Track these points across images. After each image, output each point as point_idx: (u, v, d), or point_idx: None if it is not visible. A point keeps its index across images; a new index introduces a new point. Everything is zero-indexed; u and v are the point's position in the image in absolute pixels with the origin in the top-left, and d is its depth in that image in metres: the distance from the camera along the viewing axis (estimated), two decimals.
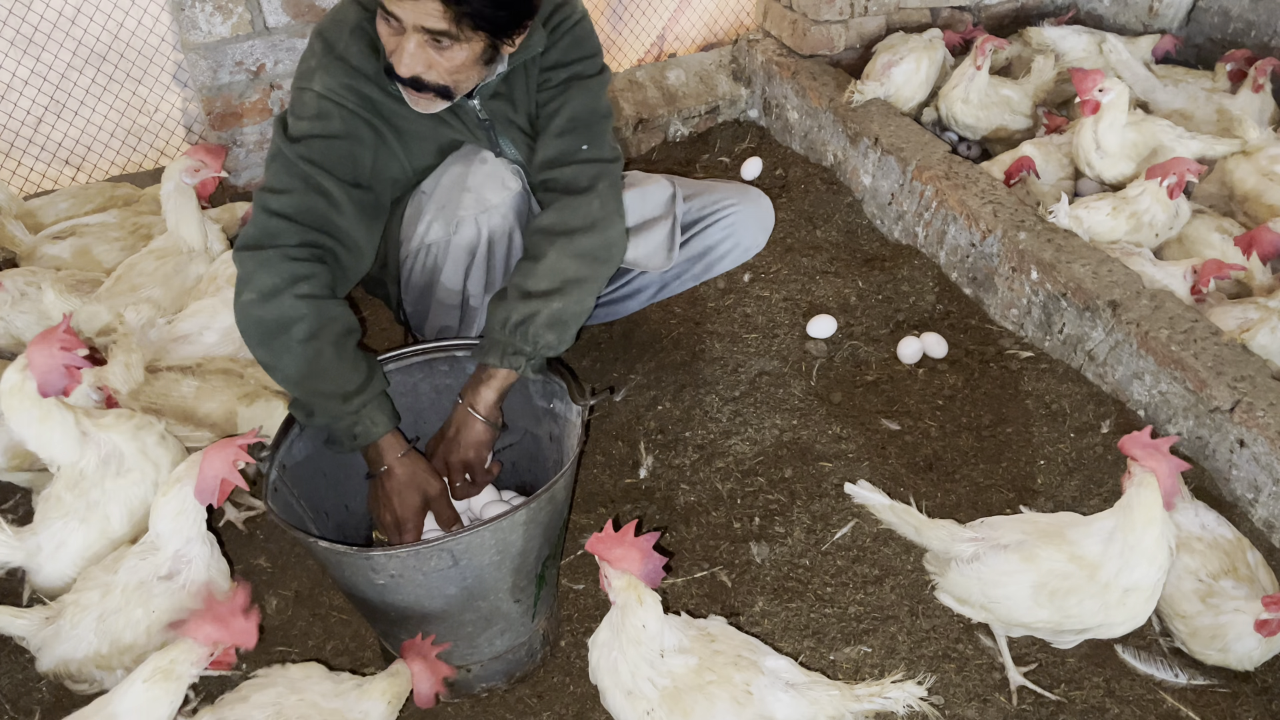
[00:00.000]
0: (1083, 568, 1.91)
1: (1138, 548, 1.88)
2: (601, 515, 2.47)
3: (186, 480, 1.86)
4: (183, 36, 2.74)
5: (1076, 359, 2.78)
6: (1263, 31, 3.76)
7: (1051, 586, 1.92)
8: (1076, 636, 2.01)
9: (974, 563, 1.99)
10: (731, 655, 1.74)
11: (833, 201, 3.46)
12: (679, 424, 2.70)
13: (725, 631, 1.82)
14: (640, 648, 1.69)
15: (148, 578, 1.87)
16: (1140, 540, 1.88)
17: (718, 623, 1.84)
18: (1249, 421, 2.35)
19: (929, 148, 3.24)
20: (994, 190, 3.04)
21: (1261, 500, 2.36)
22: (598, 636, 1.77)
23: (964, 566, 2.01)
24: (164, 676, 1.60)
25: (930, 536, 2.07)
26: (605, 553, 1.69)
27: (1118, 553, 1.89)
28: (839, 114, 3.45)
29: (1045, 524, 2.03)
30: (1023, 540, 1.98)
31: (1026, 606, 1.95)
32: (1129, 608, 1.91)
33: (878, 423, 2.69)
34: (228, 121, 2.87)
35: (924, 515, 2.08)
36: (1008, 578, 1.96)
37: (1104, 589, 1.89)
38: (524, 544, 1.84)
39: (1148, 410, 2.61)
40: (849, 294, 3.10)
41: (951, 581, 2.04)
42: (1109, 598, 1.90)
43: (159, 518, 1.87)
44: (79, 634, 1.86)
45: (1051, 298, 2.80)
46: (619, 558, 1.68)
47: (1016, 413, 2.71)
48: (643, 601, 1.68)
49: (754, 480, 2.55)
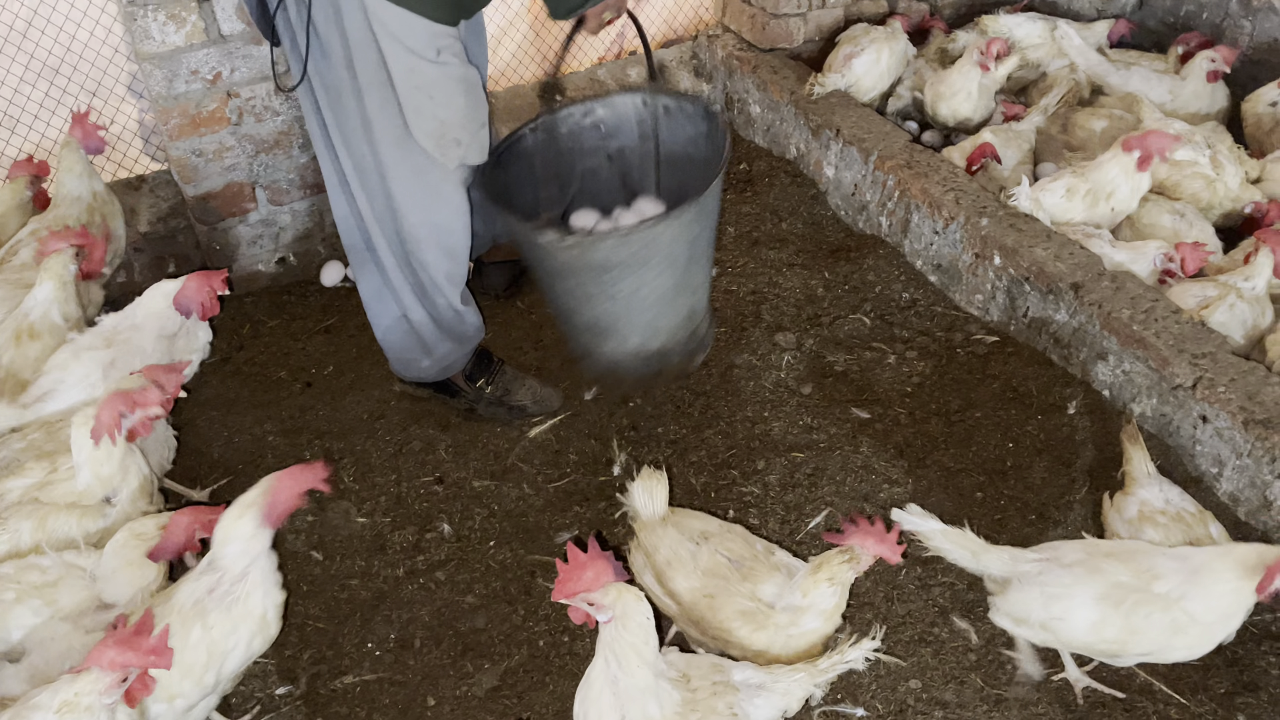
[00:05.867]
0: (1143, 579, 1.89)
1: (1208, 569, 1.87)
2: (577, 514, 2.47)
3: (258, 505, 1.83)
4: (136, 47, 2.71)
5: (1041, 342, 2.82)
6: (1214, 13, 3.82)
7: (1116, 598, 1.88)
8: (1135, 659, 1.97)
9: (1037, 578, 1.96)
10: (708, 687, 1.74)
11: (797, 194, 3.48)
12: (651, 420, 2.71)
13: (689, 662, 1.81)
14: (646, 651, 1.67)
15: (203, 597, 1.83)
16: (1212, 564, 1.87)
17: (675, 654, 1.84)
18: (1211, 398, 2.38)
19: (890, 138, 3.26)
20: (955, 178, 3.06)
21: (1226, 475, 2.40)
22: (590, 677, 1.73)
23: (1026, 583, 1.97)
24: (70, 709, 1.54)
25: (989, 561, 2.02)
26: (578, 584, 1.65)
27: (1183, 567, 1.87)
28: (800, 107, 3.47)
29: (1109, 547, 2.00)
30: (1085, 558, 1.96)
31: (1090, 623, 1.90)
32: (1190, 638, 1.88)
33: (848, 412, 2.71)
34: (185, 131, 2.84)
35: (981, 540, 2.03)
36: (1070, 590, 1.92)
37: (1170, 605, 1.86)
38: (709, 229, 2.33)
39: (1112, 390, 2.64)
40: (816, 285, 3.12)
41: (1010, 600, 2.00)
42: (1176, 617, 1.86)
43: (229, 540, 1.83)
44: None
45: (1015, 282, 2.83)
46: (594, 577, 1.65)
47: (984, 396, 2.74)
48: (638, 596, 1.67)
49: (728, 473, 2.56)
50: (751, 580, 1.97)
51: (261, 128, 2.95)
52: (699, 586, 1.99)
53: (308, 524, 2.46)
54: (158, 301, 2.43)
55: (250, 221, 3.09)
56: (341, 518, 2.49)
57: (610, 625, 1.66)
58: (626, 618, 1.65)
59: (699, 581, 1.99)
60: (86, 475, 2.08)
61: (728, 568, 1.99)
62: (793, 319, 3.01)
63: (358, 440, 2.68)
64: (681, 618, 2.05)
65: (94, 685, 1.56)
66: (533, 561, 2.38)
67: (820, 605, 1.88)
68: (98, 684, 1.56)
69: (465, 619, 2.27)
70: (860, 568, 1.89)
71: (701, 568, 2.00)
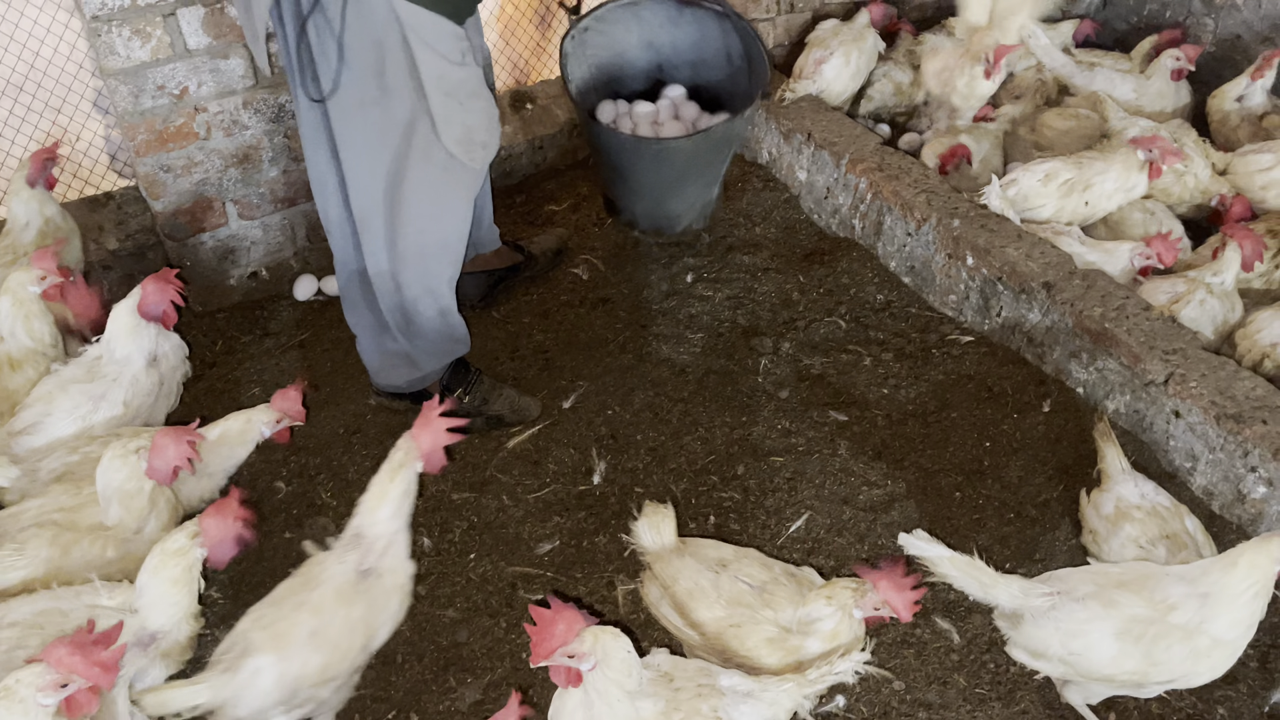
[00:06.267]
0: (1160, 610, 1.86)
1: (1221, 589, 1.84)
2: (557, 524, 2.47)
3: (413, 463, 1.90)
4: (101, 62, 2.68)
5: (1015, 341, 2.84)
6: (1177, 11, 3.87)
7: (1135, 634, 1.86)
8: (1159, 688, 1.95)
9: (1051, 614, 1.92)
10: (692, 689, 1.74)
11: (770, 198, 3.49)
12: (630, 427, 2.70)
13: (676, 664, 1.81)
14: (629, 683, 1.66)
15: (353, 577, 1.87)
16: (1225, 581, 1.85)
17: (664, 655, 1.84)
18: (1183, 393, 2.41)
19: (861, 141, 3.28)
20: (926, 179, 3.08)
21: (1199, 469, 2.42)
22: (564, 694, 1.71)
23: (1041, 619, 1.93)
24: (4, 694, 1.49)
25: (999, 593, 1.95)
26: (554, 640, 1.62)
27: (1195, 591, 1.85)
28: (772, 111, 3.48)
29: (1118, 574, 1.97)
30: (1097, 590, 1.92)
31: (1111, 656, 1.88)
32: (1214, 660, 1.86)
33: (826, 415, 2.72)
34: (153, 147, 2.81)
35: (991, 569, 1.95)
36: (1086, 626, 1.89)
37: (1189, 635, 1.84)
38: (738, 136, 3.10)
39: (1087, 387, 2.67)
40: (791, 289, 3.13)
41: (1027, 635, 1.96)
42: (1198, 644, 1.84)
43: (385, 504, 1.90)
44: (291, 659, 1.81)
45: (988, 282, 2.85)
46: (567, 629, 1.63)
47: (960, 397, 2.75)
48: (615, 634, 1.66)
49: (707, 479, 2.56)
50: (773, 606, 1.94)
51: (230, 142, 2.92)
52: (724, 616, 1.95)
53: (285, 541, 2.44)
54: (125, 319, 2.39)
55: (220, 237, 3.06)
56: (319, 534, 2.46)
57: (594, 670, 1.65)
58: (609, 658, 1.65)
59: (723, 611, 1.95)
60: (117, 510, 2.05)
61: (750, 594, 1.96)
62: (769, 323, 3.02)
63: (335, 455, 2.66)
64: (704, 647, 2.00)
65: (34, 679, 1.51)
66: (514, 574, 2.36)
67: (821, 626, 1.85)
68: (39, 679, 1.51)
69: (447, 633, 2.26)
70: (864, 605, 1.85)
71: (724, 597, 1.96)
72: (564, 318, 3.06)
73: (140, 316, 2.39)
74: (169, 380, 2.47)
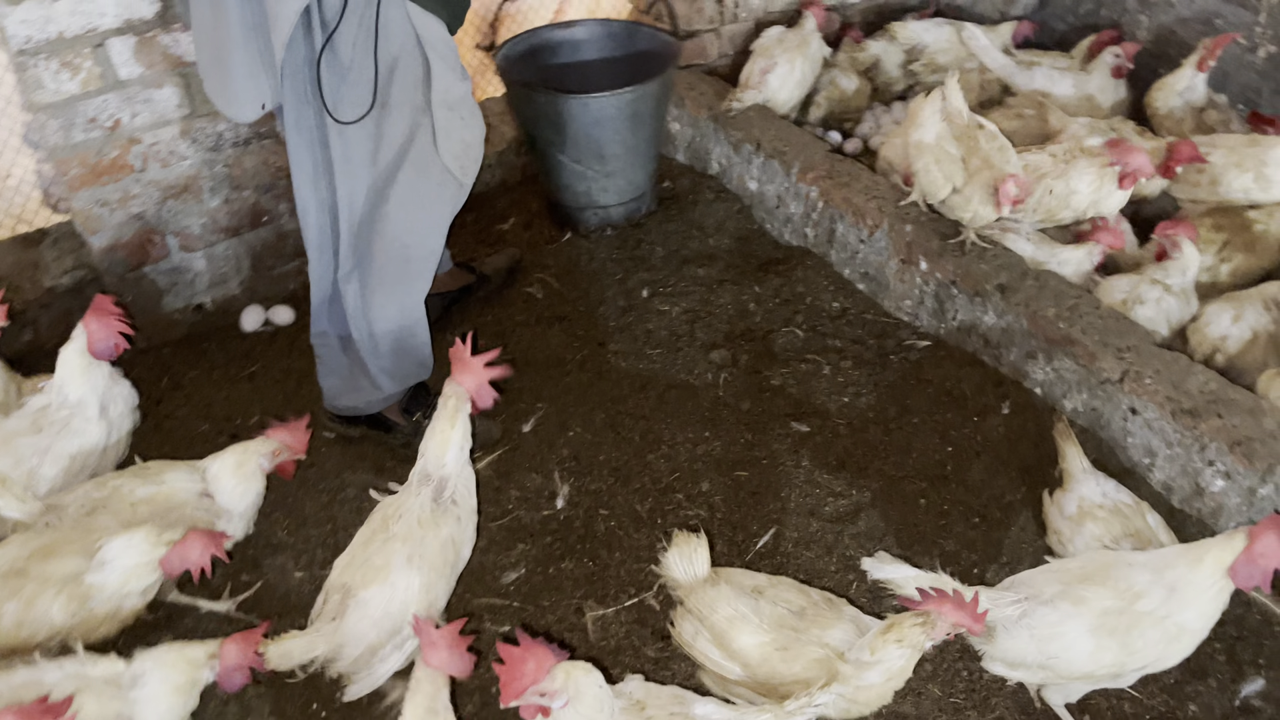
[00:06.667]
0: (1128, 599, 1.87)
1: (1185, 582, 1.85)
2: (522, 551, 2.42)
3: (465, 406, 2.07)
4: (28, 97, 2.59)
5: (972, 344, 2.85)
6: (1112, 9, 3.93)
7: (1109, 626, 1.86)
8: (1135, 675, 1.95)
9: (1023, 621, 1.91)
10: (665, 716, 1.71)
11: (722, 209, 3.48)
12: (592, 448, 2.67)
13: (649, 691, 1.78)
14: (600, 714, 1.63)
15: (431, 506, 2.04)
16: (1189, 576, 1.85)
17: (637, 683, 1.80)
18: (1138, 390, 2.43)
19: (810, 149, 3.28)
20: (877, 186, 3.09)
21: (1158, 464, 2.45)
22: None
23: (1013, 628, 1.92)
24: None
25: None
26: (524, 679, 1.59)
27: (1162, 583, 1.86)
28: (720, 122, 3.47)
29: (1079, 568, 1.96)
30: (1063, 589, 1.92)
31: (1089, 652, 1.87)
32: (1184, 644, 1.88)
33: (788, 426, 2.71)
34: (87, 181, 2.72)
35: (957, 582, 1.96)
36: (1059, 628, 1.88)
37: (1159, 621, 1.84)
38: (657, 108, 3.27)
39: (1044, 387, 2.68)
40: (747, 300, 3.11)
41: (1002, 647, 1.94)
42: (1167, 629, 1.85)
43: (449, 449, 2.07)
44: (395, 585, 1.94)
45: (942, 286, 2.86)
46: (537, 667, 1.59)
47: (920, 402, 2.76)
48: (587, 669, 1.63)
49: (672, 497, 2.53)
50: (819, 626, 1.89)
51: (168, 173, 2.84)
52: (769, 640, 1.89)
53: (243, 583, 2.37)
54: (75, 360, 2.31)
55: (162, 270, 2.98)
56: (278, 574, 2.40)
57: (566, 707, 1.61)
58: (580, 696, 1.61)
59: (768, 635, 1.89)
60: (116, 580, 2.00)
61: (792, 618, 1.91)
62: (726, 335, 3.00)
63: (289, 491, 2.58)
64: (745, 681, 1.93)
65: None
66: (480, 605, 2.31)
67: (887, 664, 1.80)
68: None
69: None
70: (936, 635, 1.80)
71: (767, 621, 1.91)
72: (520, 338, 3.02)
73: (91, 356, 2.31)
74: (117, 429, 2.39)
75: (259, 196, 3.03)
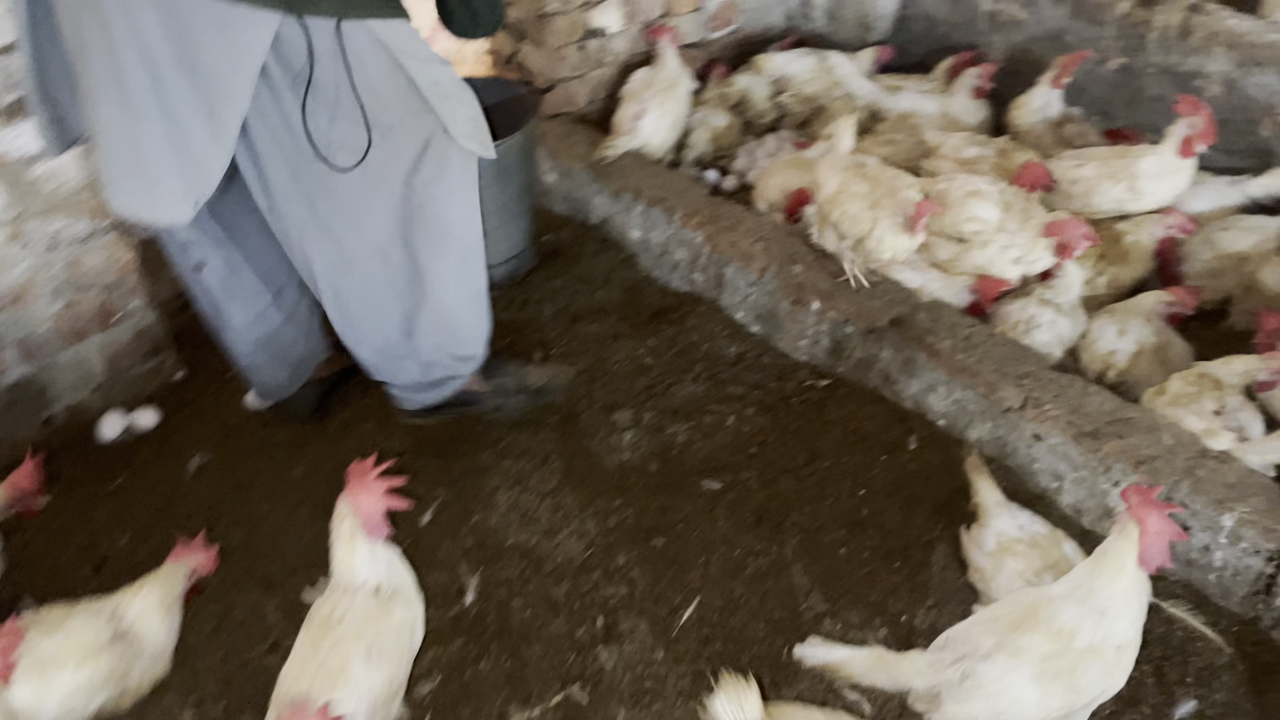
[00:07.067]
0: (1064, 640, 1.83)
1: (1110, 599, 1.82)
2: (434, 657, 2.26)
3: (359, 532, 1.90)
4: None
5: (872, 379, 2.83)
6: (964, 32, 4.02)
7: (1051, 672, 1.81)
8: (1085, 711, 1.91)
9: (967, 682, 1.84)
10: None
11: (607, 260, 3.39)
12: (498, 533, 2.53)
13: None
14: None
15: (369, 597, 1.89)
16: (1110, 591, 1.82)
17: None
18: (1040, 416, 2.44)
19: (690, 193, 3.22)
20: (761, 228, 3.05)
21: (1066, 487, 2.46)
22: None
23: (958, 691, 1.85)
24: None
25: (908, 673, 1.88)
26: None
27: (1090, 610, 1.83)
28: (596, 171, 3.39)
29: (1008, 615, 1.91)
30: (999, 640, 1.86)
31: (1036, 700, 1.82)
32: (1124, 663, 1.85)
33: (699, 485, 2.63)
34: None
35: (892, 653, 1.91)
36: (1003, 682, 1.82)
37: (1098, 653, 1.81)
38: (524, 161, 3.15)
39: (948, 419, 2.68)
40: (643, 354, 3.03)
41: (951, 713, 1.87)
42: (1106, 659, 1.82)
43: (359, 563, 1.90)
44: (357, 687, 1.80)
45: (836, 325, 2.83)
46: None
47: (828, 445, 2.72)
48: None
49: (589, 577, 2.42)
50: None
51: None
52: None
53: None
54: None
55: (4, 385, 2.70)
56: (164, 717, 2.18)
57: None
58: None
59: None
60: None
61: None
62: (626, 393, 2.91)
63: None
64: None
65: None
66: None
67: None
68: None
69: None
70: None
71: None
72: None
73: None
74: None
75: (108, 295, 2.79)
